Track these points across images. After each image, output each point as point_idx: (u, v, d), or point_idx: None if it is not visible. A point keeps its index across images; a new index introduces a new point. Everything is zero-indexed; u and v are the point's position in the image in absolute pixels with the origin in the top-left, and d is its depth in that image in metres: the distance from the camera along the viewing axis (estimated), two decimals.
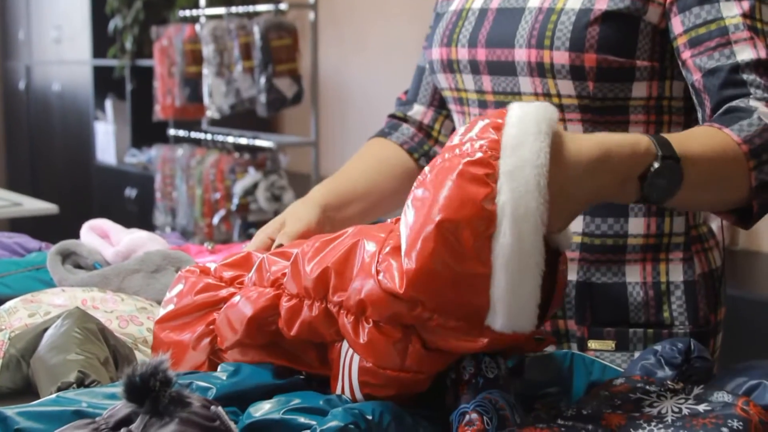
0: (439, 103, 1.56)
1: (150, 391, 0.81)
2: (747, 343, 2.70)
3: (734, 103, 1.17)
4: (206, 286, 1.18)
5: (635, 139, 1.04)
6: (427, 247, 0.92)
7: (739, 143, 1.12)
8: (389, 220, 1.07)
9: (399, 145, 1.55)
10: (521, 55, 1.29)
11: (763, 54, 1.19)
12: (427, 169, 0.98)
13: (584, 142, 1.01)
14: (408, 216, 0.96)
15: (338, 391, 1.04)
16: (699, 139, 1.12)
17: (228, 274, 1.18)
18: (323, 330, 1.04)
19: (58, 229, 3.72)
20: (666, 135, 1.07)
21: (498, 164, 0.92)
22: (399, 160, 1.53)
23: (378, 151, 1.55)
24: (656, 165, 1.03)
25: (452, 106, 1.47)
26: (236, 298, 1.11)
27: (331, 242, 1.05)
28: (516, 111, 0.96)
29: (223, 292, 1.16)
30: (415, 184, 0.98)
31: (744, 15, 1.20)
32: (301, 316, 1.04)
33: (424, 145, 1.55)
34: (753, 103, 1.16)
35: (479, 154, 0.93)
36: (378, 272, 0.96)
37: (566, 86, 1.28)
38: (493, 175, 0.92)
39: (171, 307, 1.20)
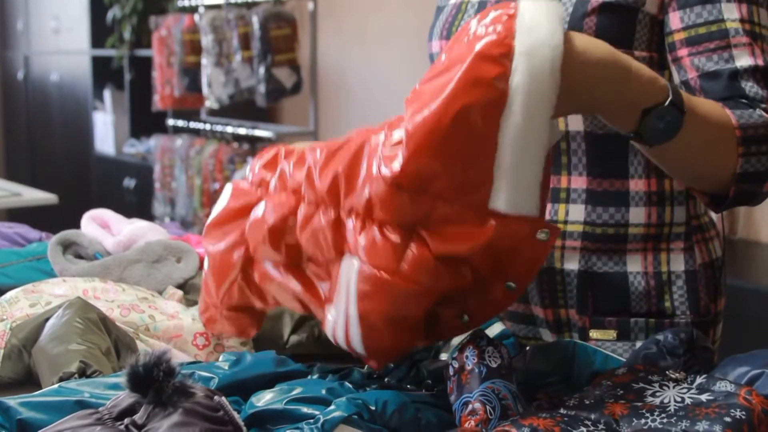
0: None
1: (153, 382, 0.81)
2: (745, 332, 2.71)
3: (731, 102, 1.19)
4: (239, 191, 1.17)
5: (656, 76, 1.06)
6: (433, 124, 0.92)
7: (735, 126, 1.14)
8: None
9: None
10: None
11: (760, 61, 1.20)
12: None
13: (597, 43, 1.02)
14: (415, 98, 0.96)
15: (329, 321, 1.02)
16: (705, 106, 1.13)
17: (258, 176, 1.17)
18: (328, 241, 1.02)
19: (56, 219, 3.71)
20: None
21: (513, 44, 0.93)
22: None
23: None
24: (663, 106, 1.04)
25: None
26: (260, 208, 1.11)
27: (339, 149, 1.04)
28: (526, 1, 0.97)
29: (255, 196, 1.14)
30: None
31: (743, 20, 1.21)
32: (312, 223, 1.04)
33: None
34: (753, 107, 1.18)
35: (493, 37, 0.93)
36: (380, 165, 0.96)
37: None
38: (508, 54, 0.92)
39: (209, 221, 1.20)
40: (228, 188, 1.21)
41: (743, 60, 1.19)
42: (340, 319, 1.01)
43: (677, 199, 1.32)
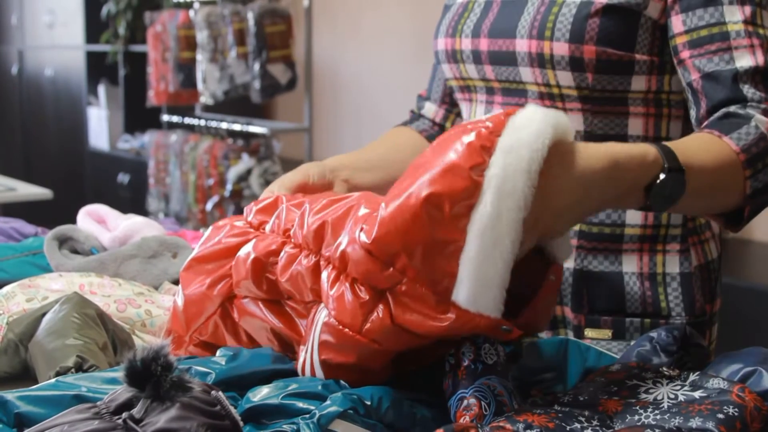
0: (450, 101, 1.58)
1: (151, 376, 0.81)
2: (738, 330, 2.72)
3: (731, 108, 1.19)
4: (235, 230, 1.18)
5: (643, 151, 1.05)
6: (405, 205, 0.93)
7: (737, 152, 1.13)
8: None
9: (418, 132, 1.59)
10: (522, 45, 1.30)
11: (761, 62, 1.20)
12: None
13: (594, 152, 1.01)
14: (404, 176, 0.98)
15: (300, 360, 1.04)
16: (701, 148, 1.13)
17: (257, 219, 1.18)
18: (306, 285, 1.04)
19: (51, 214, 3.71)
20: (669, 144, 1.08)
21: (497, 141, 0.93)
22: (417, 143, 1.57)
23: (397, 135, 1.59)
24: (662, 176, 1.04)
25: (459, 95, 1.48)
26: (250, 244, 1.13)
27: (337, 201, 1.07)
28: (532, 107, 0.98)
29: (251, 236, 1.16)
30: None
31: (746, 21, 1.21)
32: (293, 266, 1.06)
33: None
34: (750, 111, 1.17)
35: (483, 129, 0.94)
36: (362, 228, 0.97)
37: (565, 77, 1.28)
38: (489, 149, 0.93)
39: (194, 255, 1.20)
40: (209, 230, 1.22)
41: (744, 61, 1.20)
42: (308, 360, 1.03)
43: None
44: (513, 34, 1.32)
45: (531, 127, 0.94)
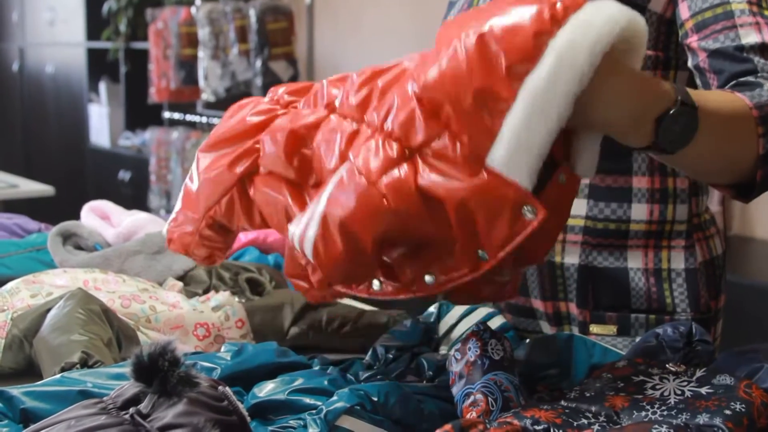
0: None
1: (158, 371, 0.81)
2: (741, 327, 2.72)
3: (742, 78, 1.16)
4: (262, 109, 1.12)
5: (658, 80, 1.02)
6: (466, 48, 0.90)
7: (751, 107, 1.09)
8: None
9: None
10: None
11: (767, 38, 1.18)
12: None
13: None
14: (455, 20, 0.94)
15: (297, 218, 1.00)
16: (714, 95, 1.10)
17: (285, 99, 1.13)
18: (337, 148, 1.00)
19: (52, 211, 3.71)
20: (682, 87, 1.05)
21: (571, 15, 0.91)
22: None
23: None
24: (674, 109, 0.99)
25: None
26: (286, 116, 1.08)
27: (386, 71, 1.02)
28: None
29: (280, 113, 1.10)
30: None
31: (749, 2, 1.20)
32: (334, 127, 1.01)
33: None
34: (761, 80, 1.14)
35: (559, 3, 0.91)
36: (412, 75, 0.94)
37: None
38: (559, 22, 0.90)
39: (215, 133, 1.14)
40: (230, 109, 1.16)
41: (750, 37, 1.17)
42: (306, 217, 0.98)
43: (680, 196, 1.33)
44: None
45: (605, 12, 0.92)
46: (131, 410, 0.82)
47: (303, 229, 0.97)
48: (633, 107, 0.98)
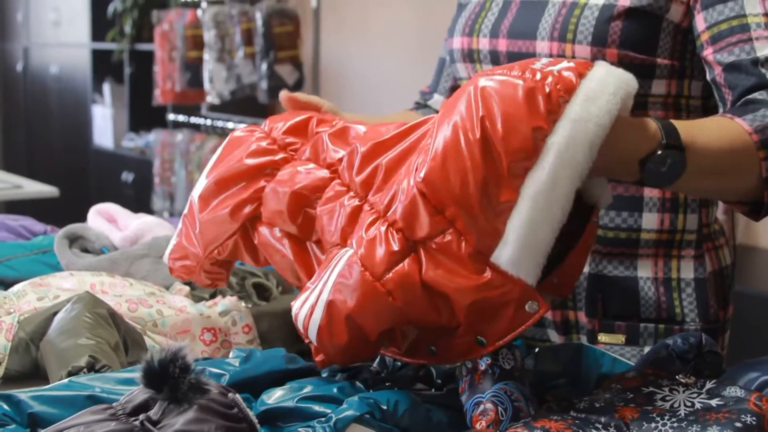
0: None
1: (169, 378, 0.80)
2: (745, 337, 2.71)
3: (754, 95, 1.16)
4: (259, 149, 1.14)
5: (643, 124, 1.04)
6: (466, 145, 0.92)
7: (750, 132, 1.10)
8: None
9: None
10: (543, 47, 1.29)
11: None
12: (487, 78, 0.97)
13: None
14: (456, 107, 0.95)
15: (301, 297, 1.01)
16: (708, 128, 1.10)
17: (283, 138, 1.15)
18: (339, 224, 1.02)
19: (54, 212, 3.71)
20: (676, 122, 1.06)
21: (564, 107, 0.93)
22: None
23: (407, 114, 1.58)
24: (659, 152, 1.02)
25: None
26: (287, 171, 1.09)
27: (392, 139, 1.03)
28: (601, 69, 0.97)
29: (278, 157, 1.12)
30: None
31: (766, 14, 1.19)
32: (336, 201, 1.03)
33: None
34: None
35: (552, 86, 0.93)
36: (417, 168, 0.95)
37: None
38: (555, 114, 0.92)
39: (212, 175, 1.15)
40: (225, 142, 1.18)
41: (765, 50, 1.17)
42: (310, 300, 1.00)
43: (690, 206, 1.32)
44: (533, 36, 1.31)
45: (602, 99, 0.94)
46: (141, 417, 0.82)
47: (308, 313, 1.00)
48: (617, 152, 1.01)
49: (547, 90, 0.93)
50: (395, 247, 0.95)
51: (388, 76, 4.89)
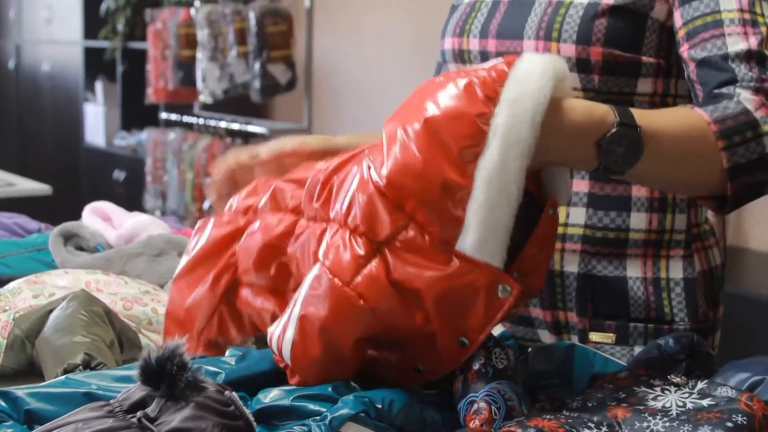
0: None
1: (166, 375, 0.81)
2: (733, 337, 2.72)
3: (722, 89, 1.16)
4: (223, 221, 1.17)
5: (592, 105, 1.05)
6: (416, 139, 0.95)
7: (709, 122, 1.10)
8: None
9: None
10: (529, 46, 1.30)
11: (754, 45, 1.17)
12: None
13: (577, 101, 1.04)
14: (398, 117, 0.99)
15: (275, 323, 1.02)
16: (665, 114, 1.11)
17: (243, 204, 1.18)
18: (310, 250, 1.03)
19: (46, 210, 3.70)
20: (632, 109, 1.06)
21: (501, 91, 0.96)
22: None
23: None
24: (614, 130, 1.03)
25: None
26: (255, 225, 1.12)
27: (346, 161, 1.06)
28: (527, 56, 1.00)
29: (241, 222, 1.15)
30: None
31: (741, 9, 1.19)
32: (303, 235, 1.05)
33: None
34: (738, 90, 1.14)
35: (485, 77, 0.97)
36: (369, 167, 0.97)
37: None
38: (493, 99, 0.95)
39: (186, 258, 1.19)
40: (196, 228, 1.22)
41: (736, 46, 1.17)
42: (283, 319, 1.01)
43: (679, 206, 1.33)
44: (520, 35, 1.32)
45: (533, 79, 0.97)
46: (138, 414, 0.82)
47: (281, 332, 1.01)
48: (568, 135, 1.02)
49: (483, 79, 0.96)
50: (360, 252, 0.96)
51: (380, 76, 4.90)
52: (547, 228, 1.06)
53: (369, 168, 0.97)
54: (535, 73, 0.97)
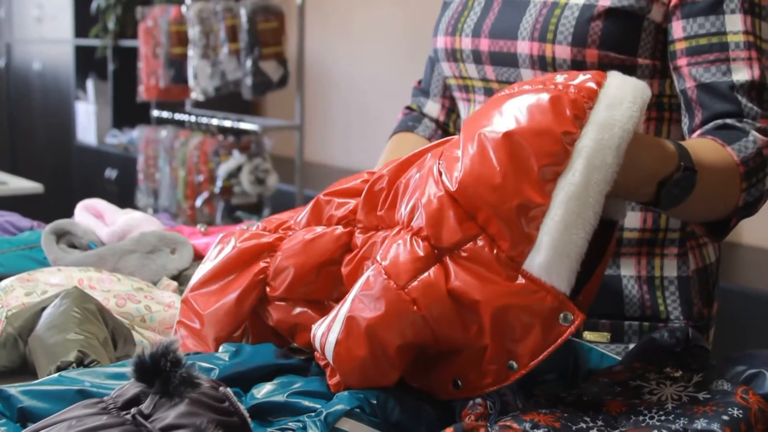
0: (451, 96, 1.57)
1: (160, 372, 0.80)
2: (726, 333, 2.73)
3: (728, 120, 1.19)
4: (250, 235, 1.15)
5: (663, 145, 1.05)
6: (495, 148, 0.92)
7: (738, 163, 1.14)
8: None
9: (427, 138, 1.57)
10: (523, 47, 1.30)
11: (756, 76, 1.20)
12: (510, 90, 0.99)
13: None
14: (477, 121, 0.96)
15: (321, 320, 1.00)
16: (708, 153, 1.13)
17: (274, 223, 1.16)
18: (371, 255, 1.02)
19: (38, 208, 3.69)
20: (682, 143, 1.08)
21: (589, 113, 0.93)
22: None
23: (410, 144, 1.54)
24: (677, 174, 1.04)
25: (457, 94, 1.47)
26: (297, 237, 1.10)
27: (399, 171, 1.04)
28: (617, 77, 0.98)
29: (268, 239, 1.13)
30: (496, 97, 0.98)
31: (746, 32, 1.21)
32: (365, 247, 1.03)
33: None
34: (746, 125, 1.18)
35: (575, 97, 0.94)
36: (440, 171, 0.95)
37: None
38: (581, 119, 0.93)
39: (208, 266, 1.16)
40: (218, 240, 1.19)
41: (740, 74, 1.19)
42: (329, 317, 0.99)
43: None
44: (514, 36, 1.31)
45: (623, 106, 0.95)
46: (132, 410, 0.81)
47: (326, 330, 0.98)
48: (640, 173, 1.02)
49: (572, 97, 0.94)
50: (420, 254, 0.93)
51: (372, 73, 4.90)
52: (611, 252, 1.05)
53: (440, 173, 0.95)
54: (626, 99, 0.95)
